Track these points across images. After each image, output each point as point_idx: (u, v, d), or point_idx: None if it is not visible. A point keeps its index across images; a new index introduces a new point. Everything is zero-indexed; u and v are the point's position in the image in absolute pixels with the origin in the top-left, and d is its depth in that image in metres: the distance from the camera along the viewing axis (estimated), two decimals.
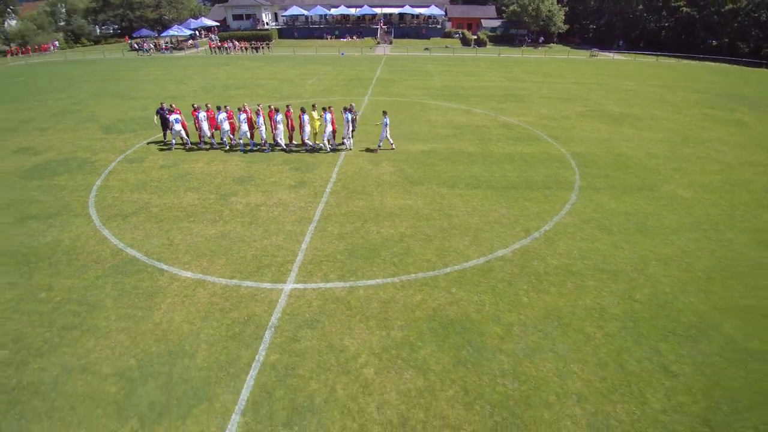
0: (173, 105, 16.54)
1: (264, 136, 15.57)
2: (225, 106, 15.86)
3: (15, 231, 10.61)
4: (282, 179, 13.41)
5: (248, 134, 15.51)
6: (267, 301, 7.98)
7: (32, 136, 18.17)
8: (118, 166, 14.80)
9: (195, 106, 16.05)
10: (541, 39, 54.83)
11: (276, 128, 15.10)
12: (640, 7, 51.00)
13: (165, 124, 16.24)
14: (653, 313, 7.62)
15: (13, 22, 54.26)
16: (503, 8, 55.24)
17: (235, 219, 11.01)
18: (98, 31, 62.75)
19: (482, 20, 58.45)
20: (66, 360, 6.74)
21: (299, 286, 8.38)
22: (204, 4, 74.19)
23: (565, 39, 57.99)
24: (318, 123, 15.70)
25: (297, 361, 6.63)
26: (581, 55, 49.70)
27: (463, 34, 54.60)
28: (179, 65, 39.84)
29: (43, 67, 41.28)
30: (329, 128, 15.08)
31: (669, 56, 46.62)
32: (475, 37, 53.78)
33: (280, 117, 15.09)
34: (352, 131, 15.75)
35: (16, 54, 50.07)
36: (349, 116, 15.05)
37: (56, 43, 54.19)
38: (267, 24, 60.13)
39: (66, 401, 6.04)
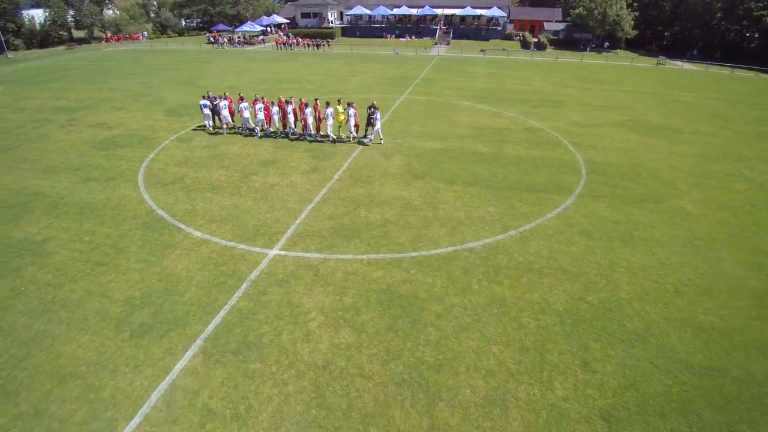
0: (226, 93, 18.67)
1: (293, 126, 17.19)
2: (262, 97, 17.70)
3: (79, 189, 13.08)
4: (299, 164, 14.89)
5: (277, 124, 17.26)
6: (252, 261, 9.38)
7: (108, 114, 21.44)
8: (170, 144, 17.18)
9: (240, 95, 18.10)
10: (606, 44, 51.86)
11: (305, 120, 16.64)
12: (719, 15, 46.35)
13: (213, 111, 18.40)
14: (598, 315, 7.89)
15: (110, 12, 61.87)
16: (570, 11, 52.97)
17: (250, 194, 12.62)
18: (183, 23, 69.59)
19: (545, 23, 56.54)
20: (90, 286, 8.62)
21: (282, 252, 9.70)
22: (278, 2, 79.05)
23: (634, 45, 54.34)
24: (342, 116, 16.99)
25: (259, 309, 7.93)
26: (647, 62, 46.41)
27: (523, 36, 53.29)
28: (245, 58, 43.40)
29: (130, 54, 47.03)
30: (351, 122, 16.33)
31: (748, 69, 42.14)
32: (536, 40, 52.24)
33: (309, 110, 16.59)
34: (372, 126, 16.86)
35: (110, 41, 57.33)
36: (375, 113, 16.19)
37: (145, 33, 61.14)
38: (332, 22, 62.97)
39: (82, 315, 7.85)
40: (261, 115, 17.23)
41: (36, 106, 23.54)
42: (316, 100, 17.64)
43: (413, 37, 58.18)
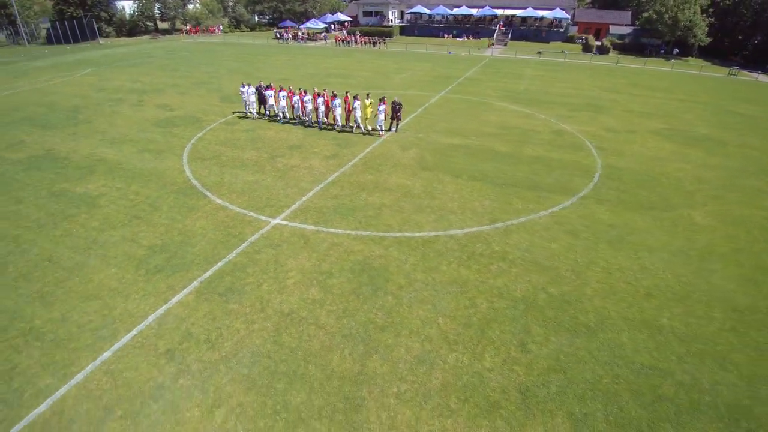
0: (272, 83, 20.53)
1: (321, 116, 18.58)
2: (288, 87, 19.26)
3: (134, 158, 15.36)
4: (322, 150, 16.18)
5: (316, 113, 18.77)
6: (256, 227, 10.75)
7: (172, 97, 24.30)
8: (217, 126, 19.29)
9: (270, 84, 19.81)
10: (676, 51, 47.99)
11: (335, 110, 18.01)
12: None
13: (261, 99, 20.27)
14: (554, 305, 8.22)
15: (191, 6, 67.97)
16: (640, 15, 49.65)
17: (271, 173, 14.10)
18: (256, 19, 74.71)
19: (611, 26, 53.43)
20: (125, 233, 10.46)
21: (283, 222, 10.97)
22: (343, 1, 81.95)
23: (709, 53, 49.64)
24: (369, 110, 18.04)
25: (250, 264, 9.23)
26: (718, 72, 42.39)
27: (586, 39, 50.86)
28: (304, 54, 45.98)
29: (204, 46, 51.65)
30: (381, 116, 17.36)
31: None
32: (599, 43, 49.68)
33: (338, 101, 17.87)
34: (398, 120, 17.81)
35: (189, 33, 63.11)
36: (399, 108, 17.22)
37: (221, 27, 66.54)
38: (391, 21, 64.30)
39: (114, 254, 9.64)
40: (283, 103, 18.96)
41: (115, 86, 27.20)
42: (346, 93, 18.85)
43: (470, 38, 57.82)
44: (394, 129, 18.20)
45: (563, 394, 6.38)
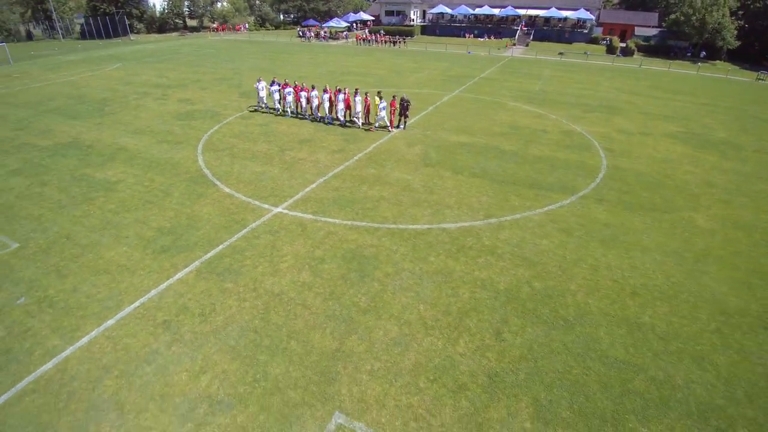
0: (286, 80, 21.20)
1: (327, 112, 19.16)
2: (294, 82, 19.80)
3: (153, 148, 16.21)
4: (330, 145, 16.66)
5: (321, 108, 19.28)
6: (258, 214, 11.29)
7: (194, 92, 25.30)
8: (234, 120, 20.05)
9: (285, 81, 20.42)
10: (703, 54, 46.34)
11: (337, 105, 18.49)
12: None
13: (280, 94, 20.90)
14: (535, 298, 8.39)
15: (219, 5, 69.92)
16: (667, 17, 48.18)
17: (279, 165, 14.66)
18: (281, 18, 76.23)
19: (637, 27, 52.01)
20: (138, 216, 11.18)
21: (284, 210, 11.48)
22: (366, 0, 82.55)
23: (738, 57, 47.66)
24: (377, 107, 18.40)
25: (249, 248, 9.76)
26: (746, 77, 40.72)
27: (610, 41, 49.74)
28: (326, 52, 46.73)
29: (229, 43, 53.14)
30: (382, 113, 17.76)
31: None
32: (623, 45, 48.49)
33: (342, 96, 18.34)
34: (405, 117, 18.14)
35: (216, 30, 64.95)
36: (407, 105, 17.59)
37: (246, 25, 68.24)
38: (413, 21, 64.48)
39: (126, 234, 10.35)
40: (290, 98, 19.84)
41: (141, 81, 28.48)
42: (356, 89, 19.25)
43: (492, 38, 57.41)
44: (402, 126, 18.52)
45: (531, 381, 6.59)
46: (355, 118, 18.79)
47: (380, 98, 17.72)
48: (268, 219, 11.07)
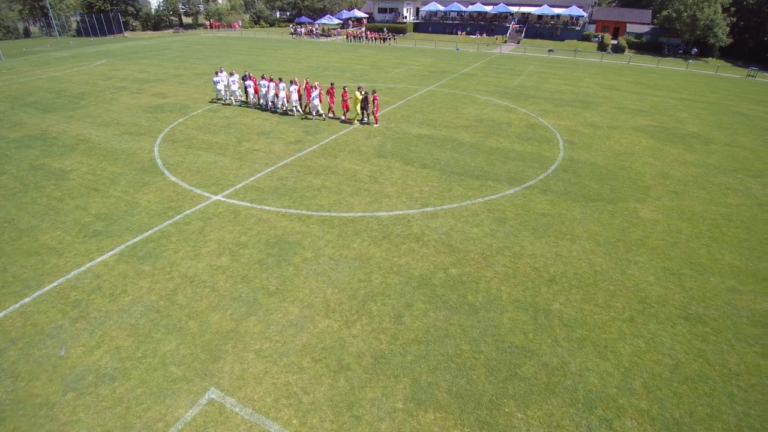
0: (264, 74, 21.31)
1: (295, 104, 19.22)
2: (263, 75, 19.86)
3: (114, 139, 16.34)
4: (289, 136, 16.70)
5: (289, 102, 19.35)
6: (196, 202, 11.37)
7: (171, 86, 25.45)
8: (201, 112, 20.16)
9: (248, 74, 20.47)
10: (694, 51, 45.79)
11: (310, 99, 18.60)
12: None
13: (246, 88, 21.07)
14: (447, 284, 8.33)
15: (220, 2, 70.16)
16: (659, 13, 47.66)
17: (232, 155, 14.72)
18: (277, 15, 76.42)
19: (630, 24, 51.51)
20: (80, 203, 11.30)
21: (222, 198, 11.54)
22: None
23: (731, 54, 47.02)
24: (358, 101, 18.14)
25: (176, 233, 9.84)
26: (736, 73, 40.21)
27: (601, 38, 49.34)
28: (312, 49, 46.79)
29: (220, 40, 53.37)
30: (315, 102, 18.35)
31: None
32: (615, 42, 48.07)
33: (315, 93, 18.39)
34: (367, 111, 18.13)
35: (211, 28, 65.23)
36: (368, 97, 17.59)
37: (240, 22, 68.48)
38: (406, 18, 64.37)
39: (64, 220, 10.45)
40: (251, 90, 20.36)
41: (122, 76, 28.70)
42: (332, 83, 19.22)
43: (484, 35, 57.18)
44: (366, 119, 18.50)
45: (417, 363, 6.55)
46: (295, 107, 19.27)
47: (360, 93, 17.72)
48: (204, 206, 11.13)
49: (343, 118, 18.74)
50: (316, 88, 18.40)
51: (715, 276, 8.95)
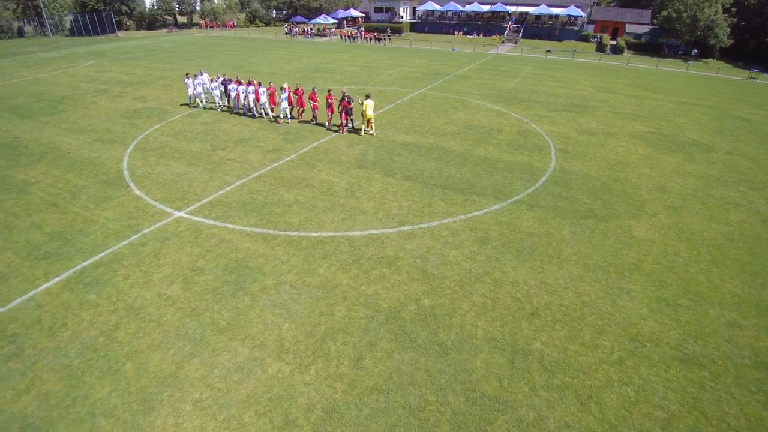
0: (225, 75, 20.53)
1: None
2: (258, 82, 19.11)
3: (85, 147, 15.58)
4: (267, 144, 15.92)
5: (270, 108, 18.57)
6: (157, 219, 10.61)
7: (154, 89, 24.67)
8: (180, 117, 19.39)
9: (229, 78, 19.71)
10: (695, 52, 44.85)
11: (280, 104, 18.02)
12: None
13: (226, 92, 20.31)
14: (418, 319, 7.50)
15: (216, 1, 69.20)
16: (658, 14, 46.71)
17: (204, 165, 13.95)
18: (273, 14, 75.50)
19: (629, 25, 50.54)
20: (36, 220, 10.52)
21: (185, 215, 10.77)
22: None
23: (732, 55, 46.03)
24: (365, 109, 17.17)
25: (129, 256, 9.09)
26: (737, 75, 39.28)
27: (600, 38, 48.40)
28: (305, 49, 45.94)
29: (212, 40, 52.51)
30: (284, 104, 18.00)
31: None
32: (613, 42, 47.16)
33: (284, 95, 17.73)
34: (351, 117, 17.33)
35: (205, 27, 64.39)
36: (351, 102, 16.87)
37: (234, 22, 67.60)
38: (402, 17, 63.47)
39: (16, 239, 9.70)
40: (233, 94, 19.62)
41: (107, 78, 27.93)
42: (313, 88, 18.45)
43: (481, 35, 56.29)
44: (350, 124, 17.69)
45: (374, 418, 5.77)
46: (263, 110, 18.84)
47: (282, 89, 17.75)
48: (165, 224, 10.36)
49: (327, 124, 17.96)
50: (285, 90, 17.92)
51: (715, 307, 8.17)
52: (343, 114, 17.07)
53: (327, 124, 17.90)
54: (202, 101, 20.69)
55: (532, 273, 8.94)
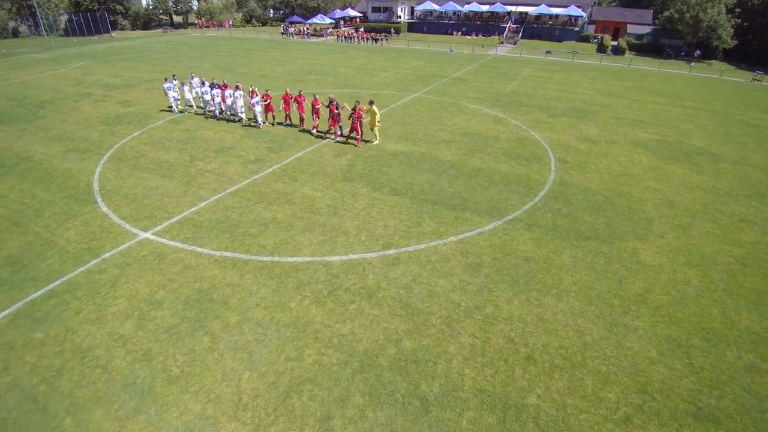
0: (214, 81, 19.68)
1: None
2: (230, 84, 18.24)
3: (58, 158, 14.73)
4: (249, 154, 15.06)
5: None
6: (120, 241, 9.77)
7: (139, 93, 23.80)
8: (162, 124, 18.53)
9: (213, 82, 18.84)
10: (697, 53, 43.89)
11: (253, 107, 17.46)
12: None
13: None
14: (398, 365, 6.72)
15: (214, 1, 68.22)
16: (660, 14, 45.75)
17: (179, 177, 13.10)
18: (270, 14, 74.51)
19: (630, 25, 49.54)
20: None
21: (150, 236, 9.93)
22: None
23: (735, 57, 45.03)
24: (373, 115, 16.29)
25: (85, 286, 8.26)
26: (741, 77, 38.33)
27: (601, 39, 47.43)
28: (300, 49, 45.03)
29: (207, 40, 51.58)
30: (257, 108, 17.38)
31: None
32: (615, 43, 46.20)
33: (257, 98, 17.23)
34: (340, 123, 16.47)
35: (201, 27, 63.46)
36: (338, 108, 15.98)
37: (230, 21, 66.67)
38: (400, 17, 62.51)
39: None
40: (218, 99, 18.76)
41: (93, 81, 27.07)
42: (299, 91, 17.57)
43: (480, 35, 55.34)
44: (340, 131, 16.81)
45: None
46: (240, 114, 18.25)
47: (252, 93, 17.30)
48: (128, 247, 9.51)
49: (313, 131, 17.10)
50: (256, 94, 17.36)
51: (731, 348, 7.31)
52: (331, 120, 16.21)
53: (313, 130, 17.06)
54: (192, 106, 19.96)
55: (528, 307, 8.08)
